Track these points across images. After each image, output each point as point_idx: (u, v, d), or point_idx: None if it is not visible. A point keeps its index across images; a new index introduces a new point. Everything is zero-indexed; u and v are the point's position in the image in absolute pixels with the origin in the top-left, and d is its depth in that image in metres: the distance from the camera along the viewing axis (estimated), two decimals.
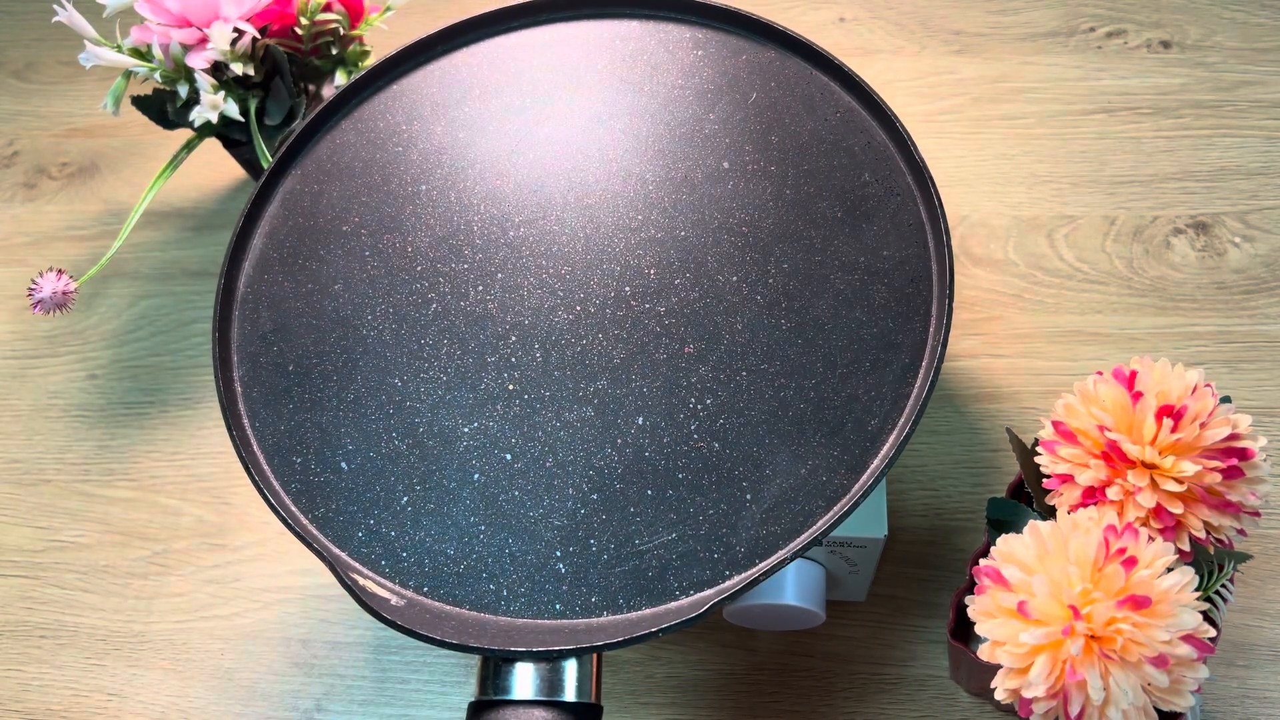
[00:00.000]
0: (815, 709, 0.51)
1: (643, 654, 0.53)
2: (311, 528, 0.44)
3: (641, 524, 0.41)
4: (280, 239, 0.50)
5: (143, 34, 0.61)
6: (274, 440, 0.45)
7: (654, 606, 0.40)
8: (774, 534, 0.40)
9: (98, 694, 0.56)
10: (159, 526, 0.60)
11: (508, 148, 0.50)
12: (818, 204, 0.46)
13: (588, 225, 0.47)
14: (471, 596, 0.41)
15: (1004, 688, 0.38)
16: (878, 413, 0.41)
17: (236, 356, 0.48)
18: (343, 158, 0.52)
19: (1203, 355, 0.59)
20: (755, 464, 0.41)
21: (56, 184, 0.77)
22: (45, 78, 0.84)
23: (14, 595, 0.59)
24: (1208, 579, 0.42)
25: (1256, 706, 0.49)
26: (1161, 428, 0.39)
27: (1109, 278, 0.62)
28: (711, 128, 0.48)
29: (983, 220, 0.65)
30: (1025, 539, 0.39)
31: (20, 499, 0.63)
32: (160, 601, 0.58)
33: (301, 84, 0.65)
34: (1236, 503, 0.39)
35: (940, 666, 0.51)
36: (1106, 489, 0.40)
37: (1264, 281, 0.61)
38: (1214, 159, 0.66)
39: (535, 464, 0.43)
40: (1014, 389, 0.59)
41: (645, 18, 0.52)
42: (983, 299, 0.62)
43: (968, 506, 0.56)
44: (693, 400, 0.43)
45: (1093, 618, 0.36)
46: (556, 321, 0.45)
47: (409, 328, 0.46)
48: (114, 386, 0.67)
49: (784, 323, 0.44)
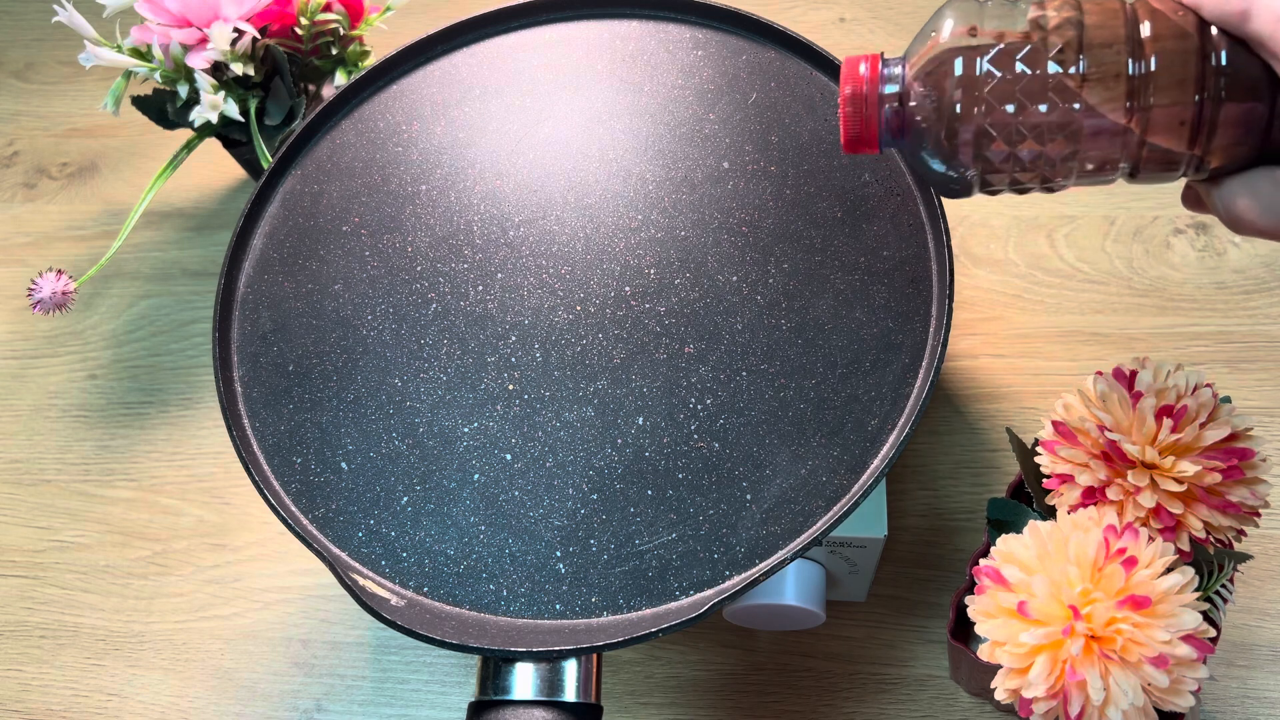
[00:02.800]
0: (815, 709, 0.51)
1: (643, 654, 0.53)
2: (311, 528, 0.44)
3: (641, 524, 0.41)
4: (280, 239, 0.50)
5: (143, 34, 0.61)
6: (274, 440, 0.45)
7: (654, 606, 0.40)
8: (774, 534, 0.40)
9: (98, 694, 0.56)
10: (159, 526, 0.60)
11: (508, 148, 0.50)
12: (818, 204, 0.46)
13: (588, 225, 0.47)
14: (471, 596, 0.41)
15: (1004, 688, 0.38)
16: (878, 413, 0.41)
17: (236, 356, 0.48)
18: (343, 158, 0.52)
19: (1203, 355, 0.59)
20: (755, 464, 0.41)
21: (56, 184, 0.77)
22: (45, 78, 0.84)
23: (14, 595, 0.59)
24: (1208, 579, 0.42)
25: (1256, 706, 0.49)
26: (1161, 428, 0.39)
27: (1109, 278, 0.62)
28: (711, 128, 0.48)
29: (983, 220, 0.65)
30: (1025, 539, 0.39)
31: (20, 499, 0.63)
32: (160, 601, 0.58)
33: (301, 84, 0.65)
34: (1236, 503, 0.39)
35: (940, 666, 0.51)
36: (1106, 489, 0.40)
37: (1264, 281, 0.61)
38: None
39: (535, 464, 0.43)
40: (1014, 389, 0.59)
41: (645, 18, 0.52)
42: (983, 299, 0.62)
43: (968, 506, 0.56)
44: (693, 400, 0.43)
45: (1093, 618, 0.36)
46: (556, 321, 0.45)
47: (409, 328, 0.46)
48: (114, 386, 0.67)
49: (784, 323, 0.44)
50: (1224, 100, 0.31)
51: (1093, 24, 0.33)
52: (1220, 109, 0.31)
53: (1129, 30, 0.32)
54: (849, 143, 0.38)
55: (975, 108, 0.34)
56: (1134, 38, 0.32)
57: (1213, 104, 0.31)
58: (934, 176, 0.37)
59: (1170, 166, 0.33)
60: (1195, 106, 0.32)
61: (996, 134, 0.34)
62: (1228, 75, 0.31)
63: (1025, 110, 0.33)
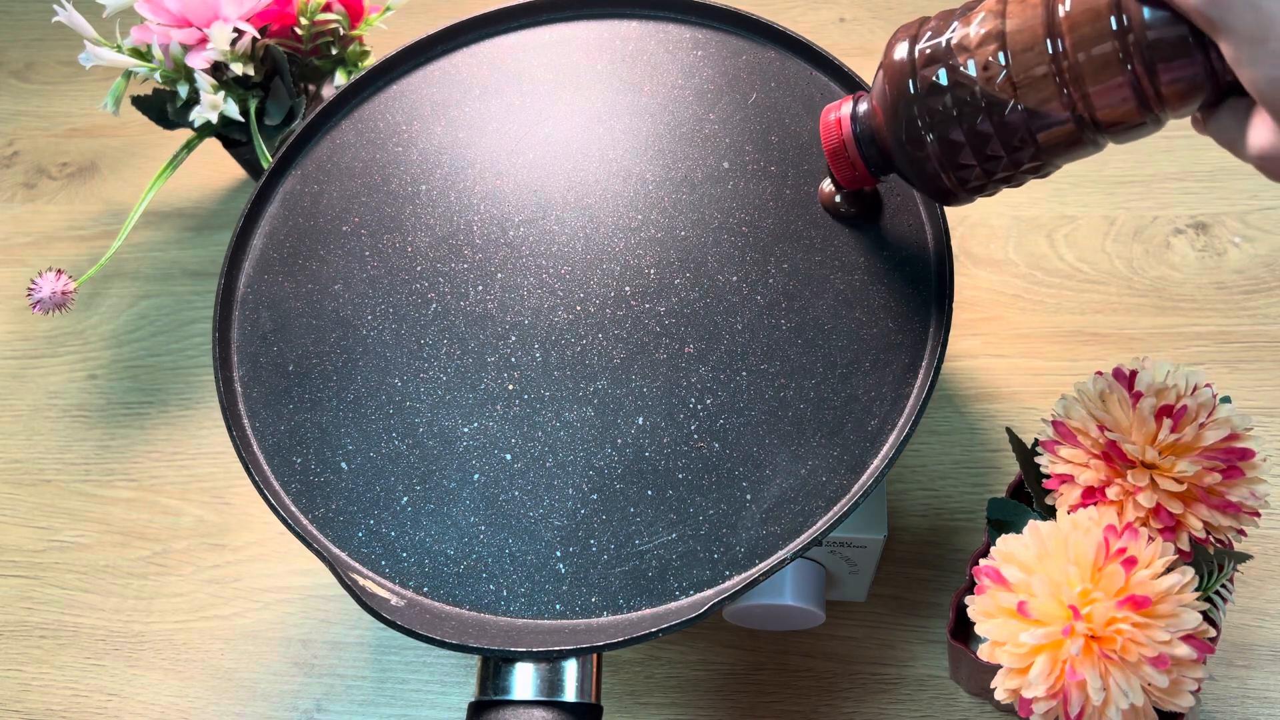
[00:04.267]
0: (815, 709, 0.51)
1: (643, 654, 0.53)
2: (311, 528, 0.44)
3: (641, 524, 0.41)
4: (280, 239, 0.50)
5: (143, 34, 0.61)
6: (274, 440, 0.45)
7: (654, 606, 0.40)
8: (774, 534, 0.40)
9: (98, 694, 0.56)
10: (159, 526, 0.60)
11: (508, 148, 0.50)
12: (818, 204, 0.46)
13: (588, 225, 0.47)
14: (471, 597, 0.41)
15: (1004, 688, 0.38)
16: (878, 413, 0.41)
17: (236, 356, 0.48)
18: (343, 158, 0.52)
19: (1203, 355, 0.59)
20: (755, 464, 0.41)
21: (56, 184, 0.77)
22: (45, 78, 0.84)
23: (14, 595, 0.59)
24: (1208, 579, 0.42)
25: (1256, 706, 0.49)
26: (1161, 428, 0.39)
27: (1109, 278, 0.62)
28: (711, 128, 0.48)
29: (983, 220, 0.65)
30: (1025, 539, 0.39)
31: (20, 499, 0.63)
32: (160, 601, 0.58)
33: (301, 84, 0.65)
34: (1236, 503, 0.39)
35: (940, 666, 0.51)
36: (1106, 489, 0.40)
37: (1264, 281, 0.61)
38: (1214, 159, 0.66)
39: (535, 464, 0.43)
40: (1014, 389, 0.59)
41: (645, 18, 0.52)
42: (983, 299, 0.62)
43: (968, 506, 0.56)
44: (693, 400, 0.43)
45: (1093, 618, 0.36)
46: (556, 321, 0.45)
47: (409, 328, 0.46)
48: (114, 386, 0.67)
49: (784, 323, 0.44)
50: (1155, 68, 0.31)
51: (1013, 29, 0.33)
52: (1155, 76, 0.31)
53: (1047, 27, 0.32)
54: (847, 184, 0.41)
55: (928, 134, 0.35)
56: (1054, 32, 0.32)
57: (1146, 74, 0.31)
58: (926, 192, 0.38)
59: (1141, 127, 0.33)
60: (1130, 80, 0.32)
61: (956, 150, 0.35)
62: (1150, 43, 0.31)
63: (974, 126, 0.34)
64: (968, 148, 0.35)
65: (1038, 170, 0.36)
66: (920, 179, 0.37)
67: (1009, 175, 0.36)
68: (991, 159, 0.35)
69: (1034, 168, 0.36)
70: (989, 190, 0.37)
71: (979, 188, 0.37)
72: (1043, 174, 0.36)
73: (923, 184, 0.38)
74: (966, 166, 0.36)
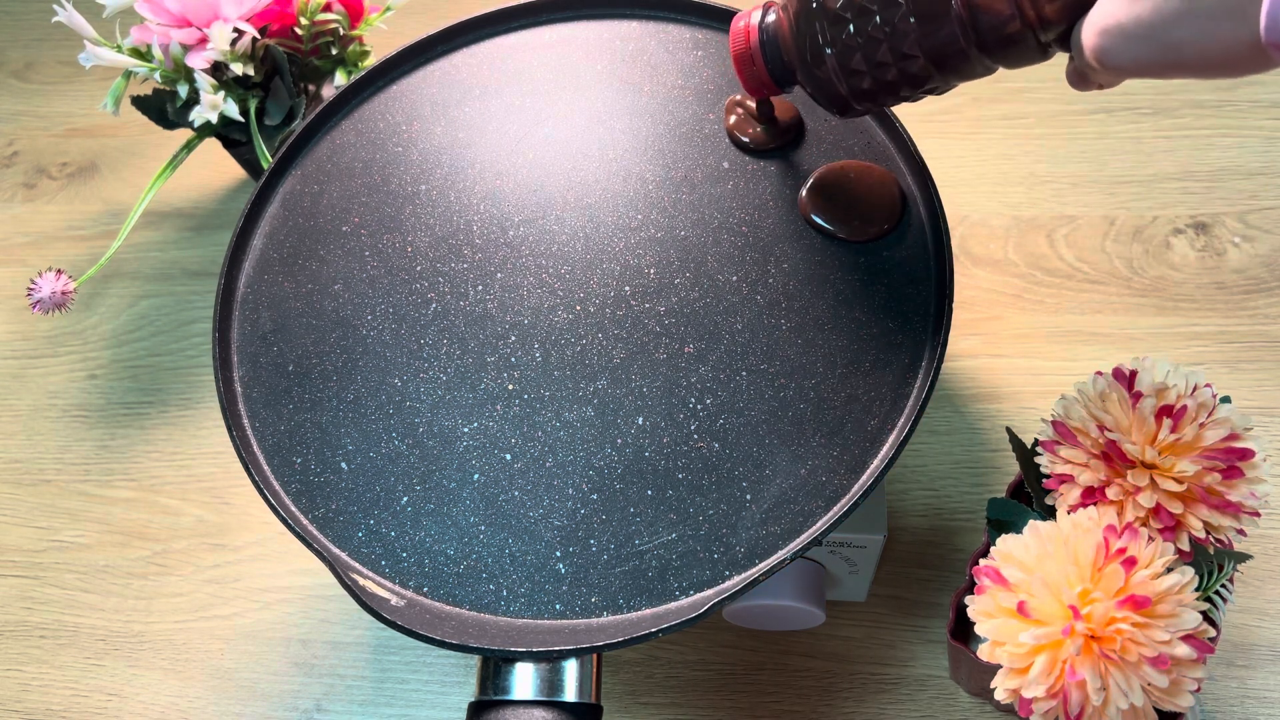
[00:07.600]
0: (815, 709, 0.51)
1: (643, 654, 0.53)
2: (311, 528, 0.44)
3: (641, 524, 0.41)
4: (280, 239, 0.50)
5: (143, 34, 0.61)
6: (274, 440, 0.45)
7: (654, 606, 0.40)
8: (774, 534, 0.40)
9: (98, 694, 0.56)
10: (159, 526, 0.60)
11: (508, 148, 0.50)
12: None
13: (588, 225, 0.47)
14: (471, 597, 0.41)
15: (1004, 688, 0.38)
16: (878, 413, 0.41)
17: (236, 356, 0.48)
18: (343, 158, 0.52)
19: (1203, 355, 0.59)
20: (755, 464, 0.41)
21: (56, 184, 0.77)
22: (45, 78, 0.84)
23: (14, 595, 0.59)
24: (1208, 579, 0.42)
25: (1256, 706, 0.49)
26: (1161, 428, 0.39)
27: (1109, 278, 0.62)
28: (711, 128, 0.48)
29: (983, 220, 0.65)
30: (1025, 539, 0.39)
31: (20, 499, 0.63)
32: (160, 601, 0.58)
33: (301, 84, 0.65)
34: (1236, 503, 0.39)
35: (940, 666, 0.51)
36: (1106, 489, 0.40)
37: (1264, 281, 0.61)
38: (1214, 159, 0.66)
39: (535, 464, 0.43)
40: (1014, 389, 0.59)
41: (645, 18, 0.52)
42: (983, 299, 0.62)
43: (968, 506, 0.56)
44: (693, 400, 0.43)
45: (1092, 618, 0.36)
46: (556, 321, 0.45)
47: (409, 328, 0.46)
48: (114, 386, 0.67)
49: (784, 323, 0.44)
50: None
51: None
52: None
53: None
54: (754, 92, 0.43)
55: (825, 43, 0.38)
56: None
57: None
58: (823, 102, 0.40)
59: (1017, 37, 0.34)
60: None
61: (849, 55, 0.37)
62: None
63: (866, 30, 0.36)
64: (859, 54, 0.37)
65: (927, 83, 0.38)
66: (816, 85, 0.40)
67: (896, 84, 0.38)
68: (881, 65, 0.37)
69: (922, 80, 0.37)
70: (881, 100, 0.39)
71: (870, 95, 0.39)
72: (938, 91, 0.38)
73: (819, 90, 0.40)
74: (858, 73, 0.38)
